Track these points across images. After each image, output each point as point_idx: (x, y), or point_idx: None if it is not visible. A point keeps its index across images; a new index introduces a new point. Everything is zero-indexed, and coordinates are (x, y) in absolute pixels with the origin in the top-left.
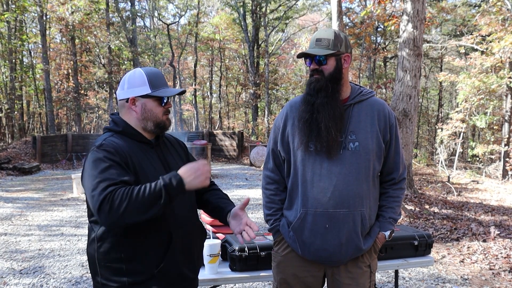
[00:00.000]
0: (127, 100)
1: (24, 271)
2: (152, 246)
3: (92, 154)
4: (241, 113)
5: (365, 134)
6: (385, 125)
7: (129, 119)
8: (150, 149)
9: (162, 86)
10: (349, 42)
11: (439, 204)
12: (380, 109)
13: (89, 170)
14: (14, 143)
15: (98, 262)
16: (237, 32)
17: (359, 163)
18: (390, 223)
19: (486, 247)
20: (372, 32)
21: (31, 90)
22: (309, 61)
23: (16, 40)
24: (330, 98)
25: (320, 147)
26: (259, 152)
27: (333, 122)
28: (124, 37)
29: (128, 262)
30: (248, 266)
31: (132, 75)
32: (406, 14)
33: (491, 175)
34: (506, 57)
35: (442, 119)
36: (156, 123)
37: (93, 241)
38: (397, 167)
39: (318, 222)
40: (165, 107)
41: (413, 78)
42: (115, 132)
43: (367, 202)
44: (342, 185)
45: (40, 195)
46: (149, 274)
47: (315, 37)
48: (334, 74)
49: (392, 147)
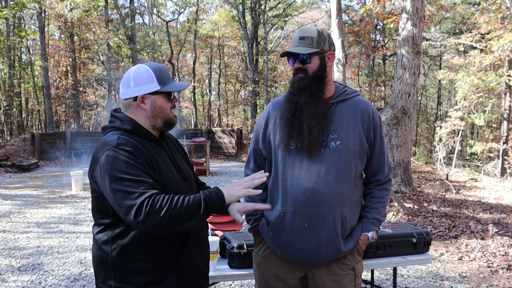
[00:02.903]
0: (135, 99)
1: (22, 268)
2: (170, 244)
3: (111, 154)
4: (240, 111)
5: (347, 133)
6: (368, 125)
7: (138, 117)
8: (159, 147)
9: (169, 81)
10: (332, 40)
11: (437, 202)
12: (364, 109)
13: (113, 172)
14: (12, 140)
15: (112, 265)
16: (236, 30)
17: (339, 162)
18: (374, 224)
19: (484, 245)
20: (371, 30)
21: (30, 87)
22: (292, 60)
23: (15, 37)
24: (314, 96)
25: (300, 146)
26: None
27: (315, 121)
28: (123, 34)
29: (146, 261)
30: (247, 263)
31: (138, 72)
32: (406, 12)
33: (490, 173)
34: (505, 55)
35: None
36: (166, 120)
37: (105, 244)
38: (382, 168)
39: (297, 221)
40: (173, 102)
41: (412, 76)
42: (124, 131)
43: (348, 203)
44: (321, 184)
45: (38, 192)
46: (167, 272)
47: (298, 35)
48: (318, 73)
49: (377, 147)
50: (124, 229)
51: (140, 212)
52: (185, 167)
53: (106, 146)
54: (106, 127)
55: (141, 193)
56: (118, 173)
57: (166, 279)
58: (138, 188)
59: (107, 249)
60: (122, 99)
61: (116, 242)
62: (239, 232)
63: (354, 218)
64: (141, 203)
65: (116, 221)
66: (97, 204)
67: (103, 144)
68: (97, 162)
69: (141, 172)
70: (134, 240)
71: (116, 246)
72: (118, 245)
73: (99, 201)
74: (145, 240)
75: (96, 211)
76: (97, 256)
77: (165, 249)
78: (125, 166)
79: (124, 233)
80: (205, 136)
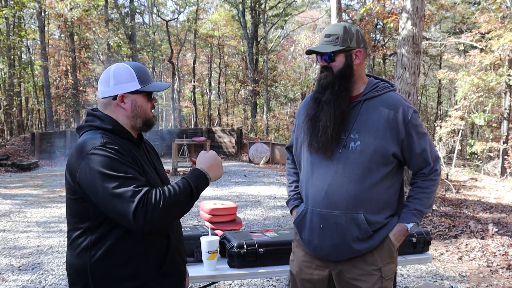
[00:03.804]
0: (114, 98)
1: (22, 268)
2: (152, 249)
3: (98, 153)
4: (240, 110)
5: (369, 133)
6: (396, 123)
7: (117, 117)
8: (138, 148)
9: (149, 81)
10: (362, 36)
11: (437, 201)
12: (392, 106)
13: (102, 171)
14: (12, 139)
15: (91, 272)
16: (236, 29)
17: (358, 164)
18: (414, 215)
19: (484, 245)
20: (372, 29)
21: (30, 86)
22: (319, 57)
23: (15, 36)
24: (336, 95)
25: (318, 145)
26: (258, 149)
27: (331, 121)
28: (123, 33)
29: (127, 266)
30: (247, 262)
31: (118, 71)
32: (406, 11)
33: (490, 172)
34: (505, 54)
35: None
36: (145, 120)
37: (84, 250)
38: (427, 162)
39: (314, 221)
40: (152, 102)
41: (412, 76)
42: (104, 130)
43: (367, 206)
44: (335, 185)
45: (38, 191)
46: (150, 277)
47: (324, 33)
48: (343, 71)
49: (414, 145)
50: (104, 234)
51: (138, 214)
52: (162, 170)
53: (90, 145)
54: (83, 126)
55: (135, 191)
56: (109, 171)
57: (148, 284)
58: (131, 186)
59: (86, 255)
60: (101, 98)
61: (96, 247)
62: (239, 232)
63: (378, 220)
64: (138, 203)
65: (96, 225)
66: (76, 208)
67: (84, 143)
68: (79, 163)
69: (131, 169)
70: (115, 245)
71: (95, 252)
72: (98, 250)
73: (78, 204)
74: (127, 245)
75: (74, 216)
76: (73, 264)
77: (147, 254)
78: (115, 164)
79: (104, 237)
80: (205, 136)
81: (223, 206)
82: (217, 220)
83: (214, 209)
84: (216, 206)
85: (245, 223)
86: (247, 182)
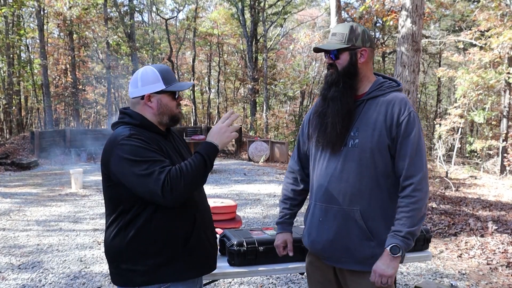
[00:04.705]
0: (142, 97)
1: (22, 266)
2: (178, 228)
3: (125, 143)
4: (239, 108)
5: (367, 131)
6: (391, 122)
7: (145, 114)
8: (165, 139)
9: (173, 81)
10: (369, 36)
11: (437, 199)
12: (391, 104)
13: (130, 158)
14: (12, 138)
15: (125, 250)
16: (235, 27)
17: (356, 161)
18: (393, 237)
19: (483, 242)
20: (371, 27)
21: (29, 85)
22: (326, 55)
23: (14, 35)
24: (341, 93)
25: (324, 142)
26: (257, 147)
27: (339, 118)
28: (122, 32)
29: (155, 244)
30: (247, 260)
31: (145, 73)
32: (405, 9)
33: (489, 170)
34: (504, 52)
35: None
36: (171, 116)
37: (120, 231)
38: (409, 171)
39: (316, 214)
40: (178, 101)
41: (412, 74)
42: (133, 125)
43: (365, 202)
44: (335, 181)
45: (38, 190)
46: (176, 253)
47: (332, 32)
48: (348, 69)
49: (399, 147)
50: (136, 215)
51: (166, 190)
52: (188, 155)
53: (119, 137)
54: (116, 123)
55: (159, 171)
56: (136, 157)
57: (174, 260)
58: (156, 167)
59: (121, 235)
60: (131, 98)
61: (129, 227)
62: (239, 230)
63: (377, 219)
64: (163, 181)
65: (129, 207)
66: (111, 193)
67: (115, 136)
68: (111, 153)
69: (155, 154)
70: (145, 224)
71: (128, 231)
72: (131, 230)
73: (113, 190)
74: (154, 224)
75: (110, 201)
76: (111, 244)
77: (173, 232)
78: (140, 150)
79: (136, 218)
80: (204, 134)
81: (223, 204)
82: (217, 218)
83: (214, 207)
84: (216, 204)
85: (245, 221)
86: (247, 180)
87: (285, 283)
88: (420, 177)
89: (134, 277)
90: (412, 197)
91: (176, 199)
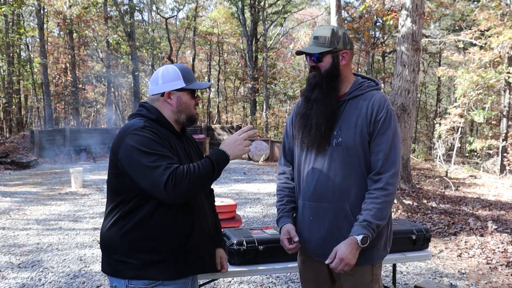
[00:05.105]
0: (162, 94)
1: (22, 265)
2: (176, 228)
3: (138, 133)
4: (239, 108)
5: (349, 129)
6: (370, 119)
7: (164, 111)
8: (178, 140)
9: (193, 80)
10: (349, 38)
11: (437, 198)
12: (370, 102)
13: (140, 148)
14: (12, 137)
15: (120, 240)
16: (235, 26)
17: (340, 159)
18: (364, 227)
19: (483, 242)
20: (371, 27)
21: (29, 84)
22: (308, 58)
23: (14, 34)
24: (325, 94)
25: (309, 143)
26: (257, 147)
27: (323, 119)
28: (122, 31)
29: (153, 240)
30: (247, 259)
31: (166, 71)
32: (405, 9)
33: (489, 170)
34: (504, 52)
35: (440, 114)
36: (189, 115)
37: (116, 221)
38: (379, 165)
39: (305, 214)
40: (196, 100)
41: (412, 73)
42: (148, 118)
43: (353, 198)
44: (323, 180)
45: (38, 189)
46: (172, 253)
47: (313, 35)
48: (330, 71)
49: (375, 142)
50: (135, 208)
51: (168, 186)
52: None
53: (132, 127)
54: (133, 114)
55: (166, 167)
56: (146, 149)
57: (168, 260)
58: (164, 162)
59: (117, 226)
60: (150, 95)
61: (126, 219)
62: (239, 229)
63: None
64: (168, 176)
65: (129, 198)
66: (115, 181)
67: (129, 126)
68: (122, 141)
69: (165, 149)
70: (143, 219)
71: (125, 223)
72: (127, 223)
73: (117, 178)
74: (153, 221)
75: (112, 189)
76: (106, 234)
77: (171, 231)
78: (151, 143)
79: (134, 212)
80: (204, 133)
81: (223, 203)
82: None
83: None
84: (216, 203)
85: (245, 220)
86: (247, 180)
87: (285, 282)
88: (392, 173)
89: (125, 270)
90: (384, 190)
91: (177, 197)
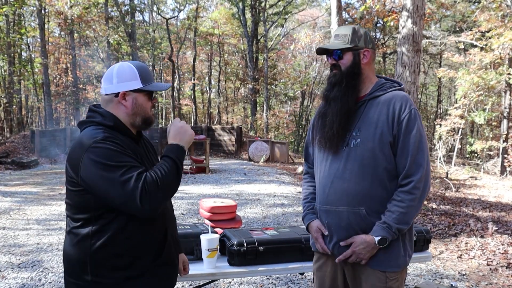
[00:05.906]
0: (116, 95)
1: (22, 265)
2: (150, 241)
3: (101, 146)
4: (240, 108)
5: (368, 130)
6: (392, 119)
7: (118, 113)
8: (137, 145)
9: (151, 81)
10: (370, 38)
11: (437, 200)
12: (392, 102)
13: (106, 162)
14: (12, 137)
15: (90, 260)
16: (236, 27)
17: (358, 161)
18: (384, 229)
19: (484, 243)
20: (372, 28)
21: (30, 84)
22: (328, 57)
23: (15, 34)
24: (344, 93)
25: (324, 143)
26: (258, 147)
27: (337, 118)
28: (123, 31)
29: (125, 256)
30: (247, 260)
31: (122, 69)
32: (406, 10)
33: (490, 171)
34: (505, 53)
35: (441, 115)
36: (145, 118)
37: (84, 239)
38: (405, 168)
39: (322, 218)
40: (153, 102)
41: (412, 74)
42: (105, 126)
43: (369, 202)
44: (338, 182)
45: (38, 189)
46: (146, 267)
47: (334, 33)
48: (351, 69)
49: (400, 144)
50: (104, 225)
51: (144, 198)
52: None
53: (91, 140)
54: (85, 121)
55: (136, 178)
56: (112, 162)
57: (144, 275)
58: (134, 173)
59: (86, 244)
60: (104, 95)
61: (95, 237)
62: (239, 230)
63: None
64: (142, 189)
65: (96, 216)
66: (77, 199)
67: (87, 138)
68: (82, 156)
69: (130, 159)
70: (114, 236)
71: (95, 241)
72: (97, 240)
73: (80, 196)
74: (125, 236)
75: (75, 207)
76: (71, 252)
77: (144, 245)
78: (116, 155)
79: (104, 229)
80: (205, 134)
81: (223, 204)
82: (217, 218)
83: (214, 207)
84: (216, 204)
85: (245, 221)
86: (247, 180)
87: (285, 283)
88: (421, 175)
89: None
90: (410, 194)
91: (154, 208)
